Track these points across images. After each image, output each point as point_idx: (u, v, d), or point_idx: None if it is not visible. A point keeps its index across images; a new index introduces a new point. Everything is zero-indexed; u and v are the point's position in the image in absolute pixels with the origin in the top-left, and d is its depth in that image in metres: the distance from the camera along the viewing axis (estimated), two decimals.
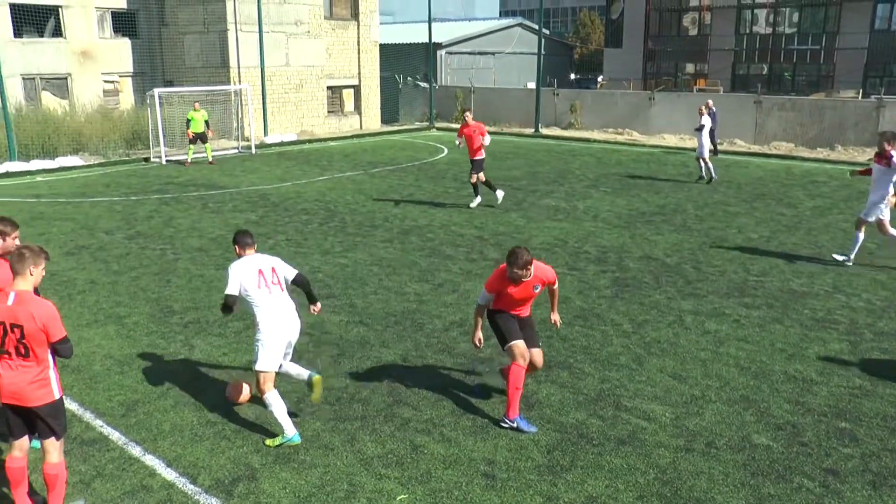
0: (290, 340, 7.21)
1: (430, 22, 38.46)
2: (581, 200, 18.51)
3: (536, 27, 48.39)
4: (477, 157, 17.22)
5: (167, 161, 25.96)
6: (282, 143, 31.31)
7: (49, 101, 31.00)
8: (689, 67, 50.14)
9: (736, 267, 12.71)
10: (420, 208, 17.74)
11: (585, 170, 23.64)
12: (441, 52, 43.25)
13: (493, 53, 46.37)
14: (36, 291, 5.99)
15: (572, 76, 56.45)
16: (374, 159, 26.51)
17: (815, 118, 29.18)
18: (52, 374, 5.81)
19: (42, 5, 31.04)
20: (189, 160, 25.48)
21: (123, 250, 14.24)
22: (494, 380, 8.34)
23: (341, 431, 7.31)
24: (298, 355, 8.75)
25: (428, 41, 38.47)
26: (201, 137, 25.20)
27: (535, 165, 24.54)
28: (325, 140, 32.49)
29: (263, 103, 31.93)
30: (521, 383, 7.22)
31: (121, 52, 33.49)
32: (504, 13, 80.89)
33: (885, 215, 12.50)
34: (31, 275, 5.74)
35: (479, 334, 7.46)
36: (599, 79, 54.56)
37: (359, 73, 36.59)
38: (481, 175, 17.36)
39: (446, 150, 28.67)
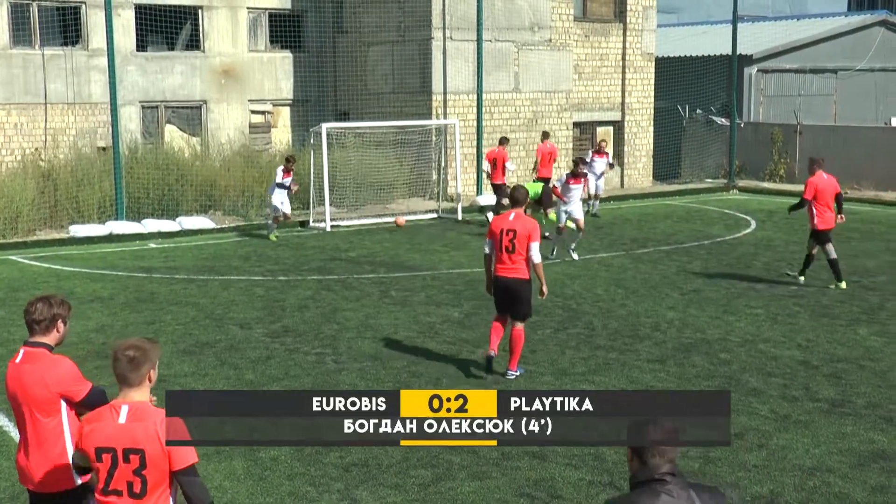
0: None
1: (734, 23, 38.27)
2: None
3: None
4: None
5: (332, 227, 27.18)
6: (501, 206, 31.92)
7: (174, 137, 33.36)
8: None
9: None
10: (709, 312, 17.58)
11: None
12: (750, 70, 42.88)
13: (834, 71, 45.43)
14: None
15: None
16: (641, 235, 26.57)
17: None
18: None
19: (176, 6, 33.54)
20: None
21: (263, 352, 14.92)
22: None
23: None
24: None
25: (731, 52, 38.33)
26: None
27: None
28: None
29: (478, 147, 32.73)
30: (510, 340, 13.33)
31: (278, 71, 35.73)
32: (855, 5, 79.10)
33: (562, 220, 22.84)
34: (151, 381, 6.09)
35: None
36: None
37: (622, 103, 37.04)
38: None
39: (754, 224, 28.21)
